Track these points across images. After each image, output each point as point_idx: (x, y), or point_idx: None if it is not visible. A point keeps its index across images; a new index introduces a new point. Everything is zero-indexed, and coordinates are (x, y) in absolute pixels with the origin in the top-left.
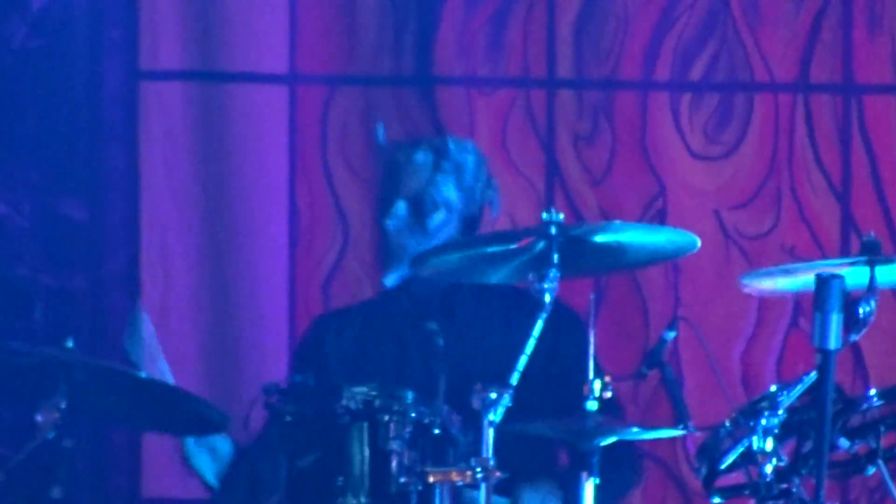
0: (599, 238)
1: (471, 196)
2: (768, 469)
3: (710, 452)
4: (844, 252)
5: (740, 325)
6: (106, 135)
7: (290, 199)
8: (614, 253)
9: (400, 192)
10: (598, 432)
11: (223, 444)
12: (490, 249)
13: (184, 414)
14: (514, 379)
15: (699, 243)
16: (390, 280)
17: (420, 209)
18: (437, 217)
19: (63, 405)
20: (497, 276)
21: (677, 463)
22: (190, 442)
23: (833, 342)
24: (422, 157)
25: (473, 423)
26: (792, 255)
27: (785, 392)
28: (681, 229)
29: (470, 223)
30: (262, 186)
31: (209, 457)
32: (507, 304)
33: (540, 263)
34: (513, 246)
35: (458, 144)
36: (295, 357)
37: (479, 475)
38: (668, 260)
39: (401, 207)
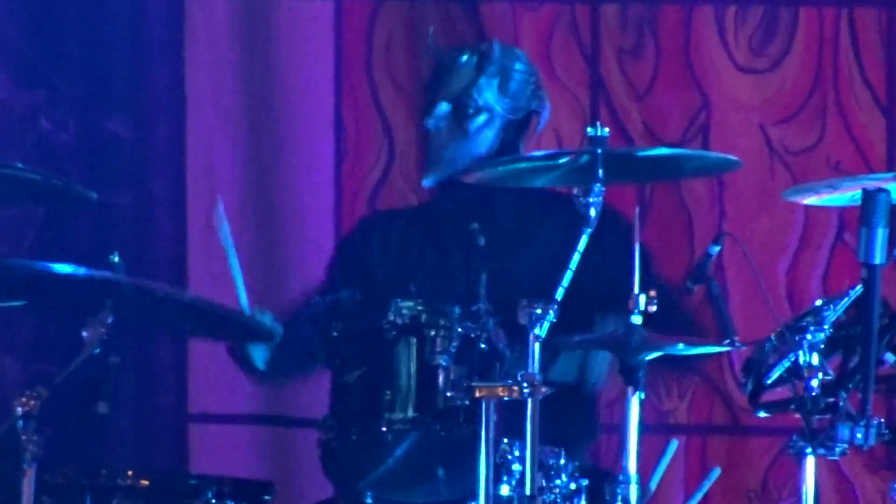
0: (644, 153)
1: (515, 102)
2: (814, 384)
3: (755, 367)
4: (891, 166)
5: (786, 241)
6: (151, 52)
7: (335, 115)
8: (658, 166)
9: (442, 92)
10: (643, 344)
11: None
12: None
13: (230, 328)
14: (560, 294)
15: (742, 164)
16: (429, 181)
17: (461, 111)
18: (478, 120)
19: (109, 321)
20: (540, 182)
21: (723, 378)
22: None
23: (879, 257)
24: (466, 59)
25: (519, 336)
26: (837, 170)
27: (830, 307)
28: (724, 154)
29: (514, 129)
30: (308, 102)
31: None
32: (550, 208)
33: (585, 176)
34: (560, 161)
35: (505, 49)
36: (337, 257)
37: (526, 390)
38: (713, 175)
39: (442, 108)
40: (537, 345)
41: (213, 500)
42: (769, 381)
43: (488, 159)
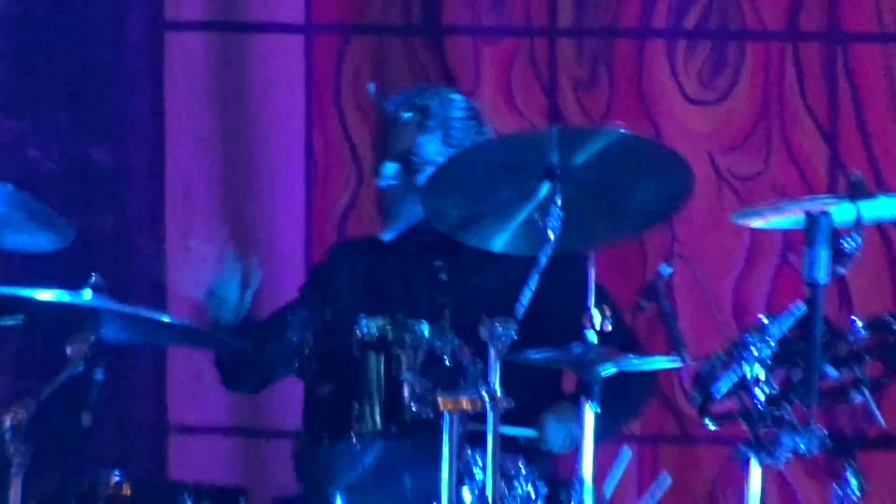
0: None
1: (459, 148)
2: (760, 396)
3: (704, 381)
4: (831, 190)
5: (732, 261)
6: (131, 84)
7: (306, 144)
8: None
9: (389, 153)
10: (598, 361)
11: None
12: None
13: (206, 343)
14: (520, 312)
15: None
16: (388, 236)
17: (409, 167)
18: (425, 173)
19: (92, 339)
20: (499, 242)
21: (674, 392)
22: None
23: (821, 276)
24: (406, 117)
25: (481, 354)
26: (782, 194)
27: (775, 324)
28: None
29: None
30: (280, 131)
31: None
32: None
33: (543, 203)
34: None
35: (443, 102)
36: (309, 280)
37: (488, 403)
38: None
39: (390, 168)
40: (497, 361)
41: None
42: (717, 394)
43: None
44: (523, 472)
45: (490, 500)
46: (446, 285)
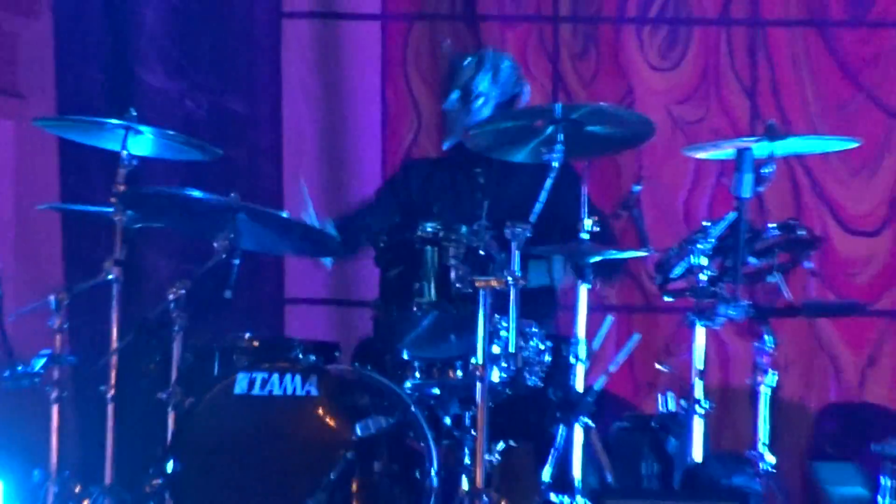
0: (590, 128)
1: (504, 89)
2: (703, 277)
3: (663, 267)
4: (753, 132)
5: (683, 182)
6: (259, 55)
7: (381, 98)
8: (601, 138)
9: (453, 84)
10: (589, 252)
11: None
12: (515, 124)
13: (310, 238)
14: (533, 217)
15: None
16: (447, 144)
17: (466, 97)
18: (478, 102)
19: (232, 235)
20: (520, 156)
21: (641, 274)
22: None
23: (746, 193)
24: (468, 61)
25: (507, 246)
26: (717, 136)
27: (714, 227)
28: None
29: (505, 106)
30: (364, 88)
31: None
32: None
33: (549, 141)
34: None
35: (496, 52)
36: (385, 186)
37: (510, 282)
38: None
39: (454, 95)
40: (517, 252)
41: (301, 354)
42: (672, 276)
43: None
44: (535, 331)
45: (512, 351)
46: (483, 186)
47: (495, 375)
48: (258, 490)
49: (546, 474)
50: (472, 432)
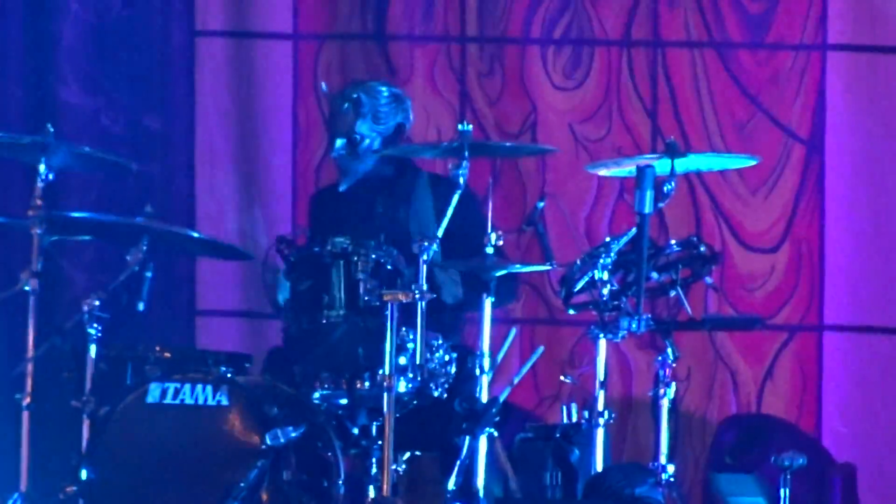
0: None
1: (386, 125)
2: (605, 291)
3: (567, 280)
4: (654, 150)
5: (585, 198)
6: (173, 73)
7: (293, 115)
8: (503, 150)
9: (337, 132)
10: (494, 267)
11: None
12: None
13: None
14: (440, 233)
15: (557, 150)
16: (342, 188)
17: (352, 143)
18: (364, 145)
19: (144, 248)
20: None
21: (545, 288)
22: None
23: (648, 208)
24: (346, 106)
25: (413, 262)
26: (619, 153)
27: (615, 242)
28: (544, 146)
29: (391, 137)
30: (276, 106)
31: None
32: (432, 185)
33: (457, 156)
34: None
35: (369, 92)
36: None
37: (417, 296)
38: (538, 155)
39: (339, 143)
40: (424, 267)
41: (212, 366)
42: (575, 290)
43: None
44: (440, 343)
45: (419, 363)
46: (381, 216)
47: (402, 386)
48: (170, 498)
49: (451, 483)
50: (379, 442)
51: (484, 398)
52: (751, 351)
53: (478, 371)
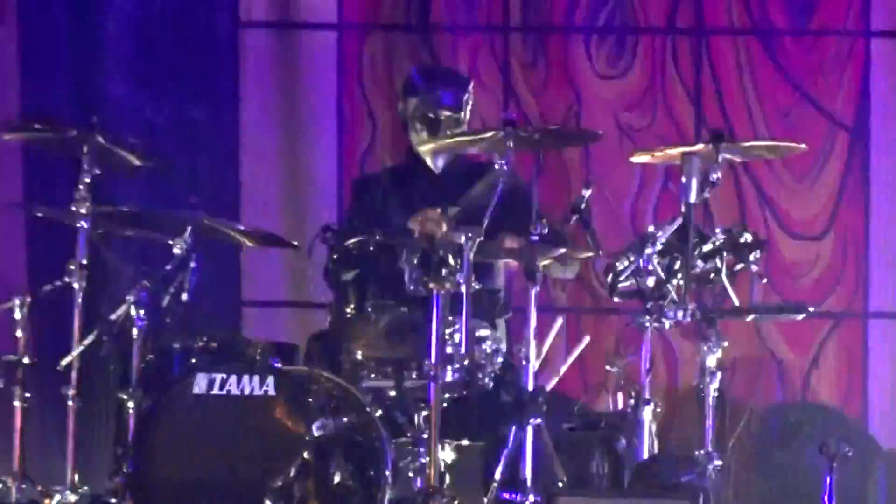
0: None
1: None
2: (651, 280)
3: (612, 270)
4: (697, 139)
5: (629, 187)
6: (218, 64)
7: (338, 105)
8: (548, 139)
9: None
10: (540, 251)
11: None
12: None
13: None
14: (484, 223)
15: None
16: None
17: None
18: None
19: (189, 239)
20: (475, 148)
21: (590, 276)
22: None
23: (693, 197)
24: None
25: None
26: (664, 142)
27: (661, 231)
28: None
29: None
30: (320, 96)
31: None
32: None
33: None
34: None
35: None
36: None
37: (461, 285)
38: (583, 144)
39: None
40: (471, 255)
41: (259, 356)
42: (621, 279)
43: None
44: (487, 332)
45: (465, 352)
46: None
47: (448, 376)
48: (217, 488)
49: (498, 473)
50: (426, 432)
51: (530, 388)
52: (796, 339)
53: (524, 361)
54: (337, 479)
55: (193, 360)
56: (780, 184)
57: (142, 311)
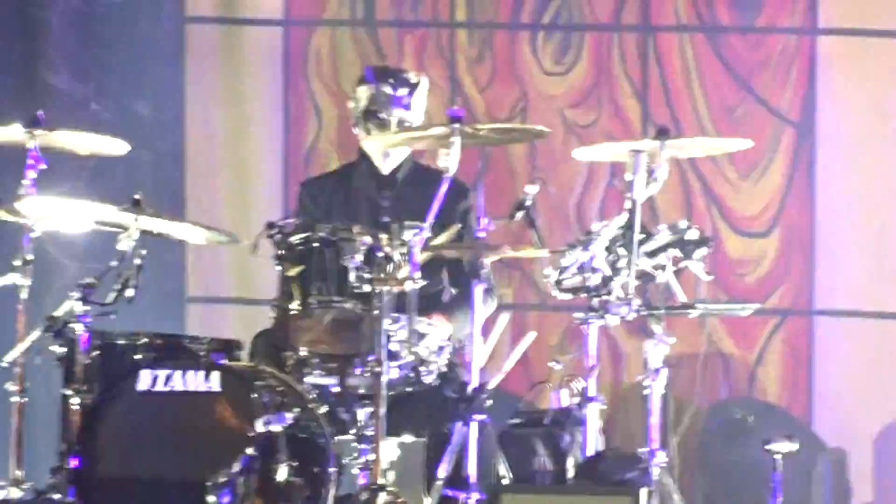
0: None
1: None
2: (596, 277)
3: (557, 266)
4: (644, 135)
5: (575, 183)
6: (163, 58)
7: (283, 101)
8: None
9: None
10: (485, 250)
11: None
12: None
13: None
14: (430, 219)
15: (548, 134)
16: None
17: None
18: None
19: (136, 236)
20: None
21: (535, 274)
22: None
23: (639, 194)
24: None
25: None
26: (610, 138)
27: (606, 227)
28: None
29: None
30: (266, 92)
31: None
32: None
33: (447, 141)
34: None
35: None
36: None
37: (406, 284)
38: (529, 141)
39: None
40: (416, 251)
41: (203, 352)
42: (566, 275)
43: None
44: (431, 329)
45: (409, 349)
46: (387, 210)
47: (392, 372)
48: (161, 485)
49: (442, 470)
50: (370, 429)
51: (474, 384)
52: (742, 336)
53: (468, 357)
54: (281, 475)
55: (138, 357)
56: (726, 180)
57: (86, 308)
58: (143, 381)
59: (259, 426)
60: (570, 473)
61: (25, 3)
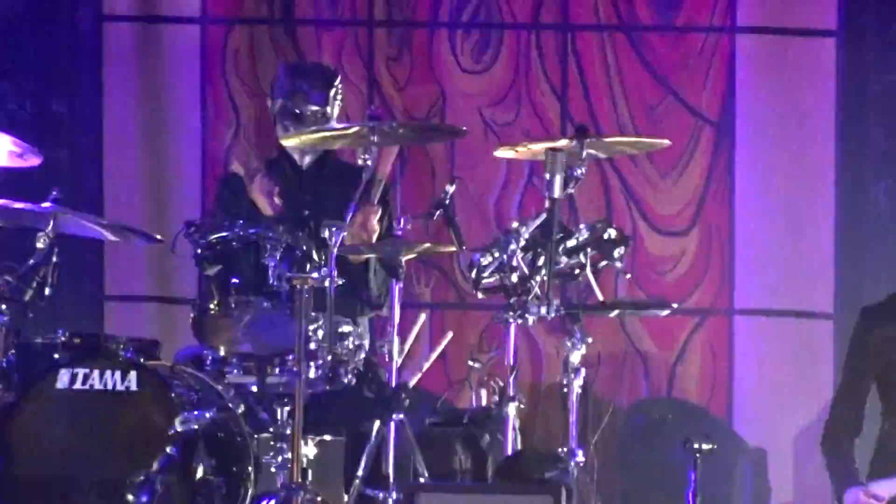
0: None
1: None
2: (514, 276)
3: (476, 264)
4: (563, 134)
5: (494, 181)
6: (82, 58)
7: (201, 99)
8: (412, 134)
9: None
10: (404, 249)
11: None
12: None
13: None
14: (348, 217)
15: (466, 133)
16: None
17: None
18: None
19: (52, 234)
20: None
21: (454, 271)
22: None
23: (557, 193)
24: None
25: (324, 247)
26: (529, 137)
27: (524, 226)
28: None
29: None
30: (184, 90)
31: None
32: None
33: (365, 140)
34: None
35: None
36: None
37: (326, 280)
38: (448, 139)
39: None
40: (334, 251)
41: (121, 351)
42: (485, 274)
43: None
44: (350, 328)
45: (328, 348)
46: (308, 203)
47: (311, 372)
48: (80, 484)
49: (360, 469)
50: (289, 428)
51: (393, 384)
52: (661, 335)
53: (387, 357)
54: (200, 474)
55: (56, 356)
56: (645, 179)
57: (3, 306)
58: (62, 380)
59: (177, 425)
60: (490, 473)
61: None
